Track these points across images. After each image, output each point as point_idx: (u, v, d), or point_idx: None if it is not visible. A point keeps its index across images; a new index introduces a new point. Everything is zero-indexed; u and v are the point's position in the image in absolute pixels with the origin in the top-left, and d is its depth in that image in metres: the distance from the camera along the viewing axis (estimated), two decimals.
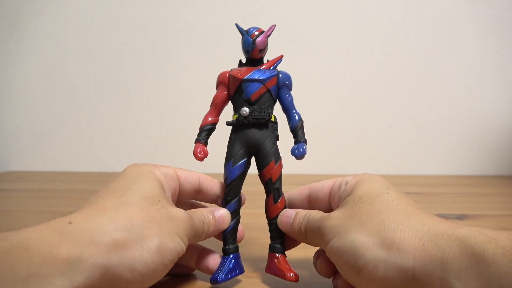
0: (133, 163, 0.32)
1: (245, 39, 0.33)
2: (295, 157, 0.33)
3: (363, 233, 0.26)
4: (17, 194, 0.70)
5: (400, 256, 0.24)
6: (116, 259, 0.24)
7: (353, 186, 0.31)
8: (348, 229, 0.27)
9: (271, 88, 0.33)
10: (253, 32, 0.33)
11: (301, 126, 0.34)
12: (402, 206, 0.27)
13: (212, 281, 0.31)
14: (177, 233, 0.27)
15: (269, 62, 0.34)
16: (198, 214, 0.31)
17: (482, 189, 0.75)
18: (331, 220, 0.29)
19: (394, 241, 0.25)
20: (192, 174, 0.34)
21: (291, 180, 0.38)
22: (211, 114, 0.34)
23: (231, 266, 0.32)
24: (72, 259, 0.22)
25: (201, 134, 0.34)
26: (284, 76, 0.34)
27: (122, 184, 0.29)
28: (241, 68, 0.33)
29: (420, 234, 0.24)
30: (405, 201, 0.28)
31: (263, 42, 0.33)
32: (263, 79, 0.32)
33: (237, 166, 0.33)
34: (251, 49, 0.33)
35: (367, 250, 0.25)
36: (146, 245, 0.25)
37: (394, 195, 0.29)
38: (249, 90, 0.32)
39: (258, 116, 0.32)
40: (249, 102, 0.32)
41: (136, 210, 0.26)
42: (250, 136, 0.33)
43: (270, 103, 0.33)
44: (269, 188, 0.33)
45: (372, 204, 0.28)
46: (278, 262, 0.33)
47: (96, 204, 0.26)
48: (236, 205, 0.33)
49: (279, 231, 0.33)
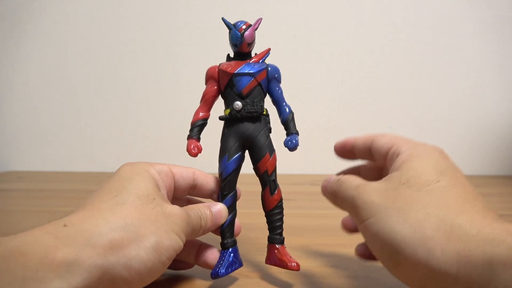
0: (127, 162, 0.32)
1: (233, 33, 0.33)
2: (288, 149, 0.33)
3: (404, 225, 0.24)
4: (17, 194, 0.70)
5: (443, 261, 0.22)
6: (113, 260, 0.24)
7: (403, 160, 0.28)
8: (388, 213, 0.25)
9: (262, 81, 0.33)
10: (241, 26, 0.33)
11: (292, 118, 0.34)
12: (452, 200, 0.25)
13: (213, 275, 0.31)
14: (174, 230, 0.27)
15: (257, 56, 0.34)
16: (195, 210, 0.31)
17: (482, 189, 0.75)
18: (369, 195, 0.27)
19: (438, 243, 0.23)
20: (186, 170, 0.34)
21: (290, 180, 0.38)
22: (202, 109, 0.34)
23: (230, 260, 0.32)
24: (69, 261, 0.22)
25: (193, 130, 0.34)
26: (273, 69, 0.34)
27: (116, 184, 0.29)
28: (230, 62, 0.33)
29: (468, 238, 0.22)
30: (456, 192, 0.25)
31: (251, 35, 0.33)
32: (253, 72, 0.32)
33: (232, 160, 0.33)
34: (240, 43, 0.33)
35: (407, 246, 0.23)
36: (142, 244, 0.25)
37: (445, 185, 0.25)
38: (241, 84, 0.32)
39: (251, 110, 0.32)
40: (241, 96, 0.32)
41: (131, 209, 0.26)
42: (243, 129, 0.33)
43: (261, 96, 0.33)
44: (265, 180, 0.33)
45: (420, 193, 0.25)
46: (279, 252, 0.33)
47: (91, 206, 0.26)
48: (232, 200, 0.33)
49: (277, 222, 0.33)
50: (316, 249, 0.41)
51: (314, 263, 0.37)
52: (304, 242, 0.43)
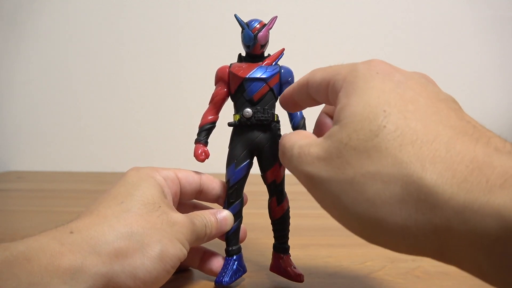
0: (134, 167, 0.32)
1: (245, 33, 0.31)
2: None
3: (362, 203, 0.19)
4: (17, 194, 0.70)
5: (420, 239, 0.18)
6: (118, 268, 0.24)
7: (341, 104, 0.21)
8: (341, 189, 0.20)
9: (274, 86, 0.32)
10: (255, 25, 0.31)
11: (303, 124, 0.33)
12: (407, 148, 0.18)
13: (217, 284, 0.31)
14: (178, 239, 0.27)
15: (270, 58, 0.32)
16: (200, 217, 0.30)
17: None
18: (312, 164, 0.21)
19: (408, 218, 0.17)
20: (192, 175, 0.33)
21: (290, 180, 0.38)
22: (210, 112, 0.33)
23: (234, 268, 0.32)
24: (74, 268, 0.22)
25: (201, 134, 0.33)
26: (286, 72, 0.32)
27: (122, 189, 0.28)
28: (242, 64, 0.32)
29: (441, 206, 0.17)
30: (412, 131, 0.19)
31: (265, 36, 0.31)
32: (266, 77, 0.31)
33: (240, 168, 0.32)
34: (253, 45, 0.31)
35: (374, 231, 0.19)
36: (147, 252, 0.25)
37: (394, 128, 0.19)
38: (252, 90, 0.31)
39: (262, 118, 0.31)
40: (251, 102, 0.31)
41: (137, 217, 0.26)
42: (253, 137, 0.32)
43: (273, 102, 0.32)
44: (273, 190, 0.33)
45: (368, 152, 0.19)
46: (283, 262, 0.32)
47: (97, 212, 0.26)
48: (239, 207, 0.33)
49: (283, 231, 0.33)
50: (316, 249, 0.41)
51: (314, 263, 0.37)
52: (304, 242, 0.43)
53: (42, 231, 0.24)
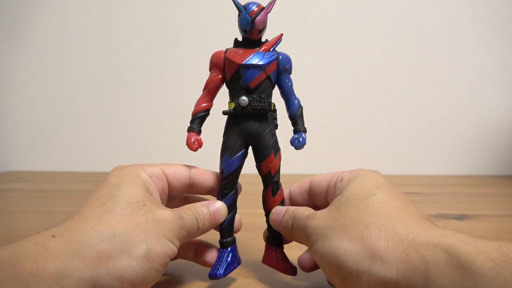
0: (117, 166, 0.31)
1: (242, 17, 0.30)
2: (295, 148, 0.31)
3: (346, 239, 0.25)
4: (17, 194, 0.70)
5: (383, 267, 0.23)
6: (103, 271, 0.23)
7: (345, 184, 0.30)
8: (332, 233, 0.26)
9: (271, 74, 0.30)
10: (252, 8, 0.30)
11: (300, 114, 0.32)
12: (388, 209, 0.26)
13: (211, 276, 0.31)
14: (166, 236, 0.27)
15: (268, 44, 0.31)
16: (190, 211, 0.30)
17: (482, 189, 0.75)
18: (316, 220, 0.28)
19: (378, 250, 0.23)
20: (181, 169, 0.32)
21: (290, 180, 0.38)
22: (204, 99, 0.32)
23: (229, 260, 0.31)
24: (59, 273, 0.22)
25: (194, 121, 0.32)
26: (284, 59, 0.31)
27: (105, 191, 0.28)
28: (238, 50, 0.30)
29: (404, 244, 0.23)
30: (392, 203, 0.27)
31: (263, 21, 0.30)
32: (263, 64, 0.30)
33: (235, 158, 0.31)
34: (250, 29, 0.30)
35: (349, 259, 0.24)
36: (132, 253, 0.25)
37: (381, 197, 0.27)
38: (248, 77, 0.30)
39: (258, 107, 0.30)
40: (247, 90, 0.30)
41: (120, 217, 0.26)
42: (248, 127, 0.31)
43: (269, 90, 0.31)
44: (268, 181, 0.32)
45: (358, 207, 0.26)
46: (276, 255, 0.32)
47: (79, 215, 0.26)
48: (233, 198, 0.32)
49: None
50: None
51: None
52: None
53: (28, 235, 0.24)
